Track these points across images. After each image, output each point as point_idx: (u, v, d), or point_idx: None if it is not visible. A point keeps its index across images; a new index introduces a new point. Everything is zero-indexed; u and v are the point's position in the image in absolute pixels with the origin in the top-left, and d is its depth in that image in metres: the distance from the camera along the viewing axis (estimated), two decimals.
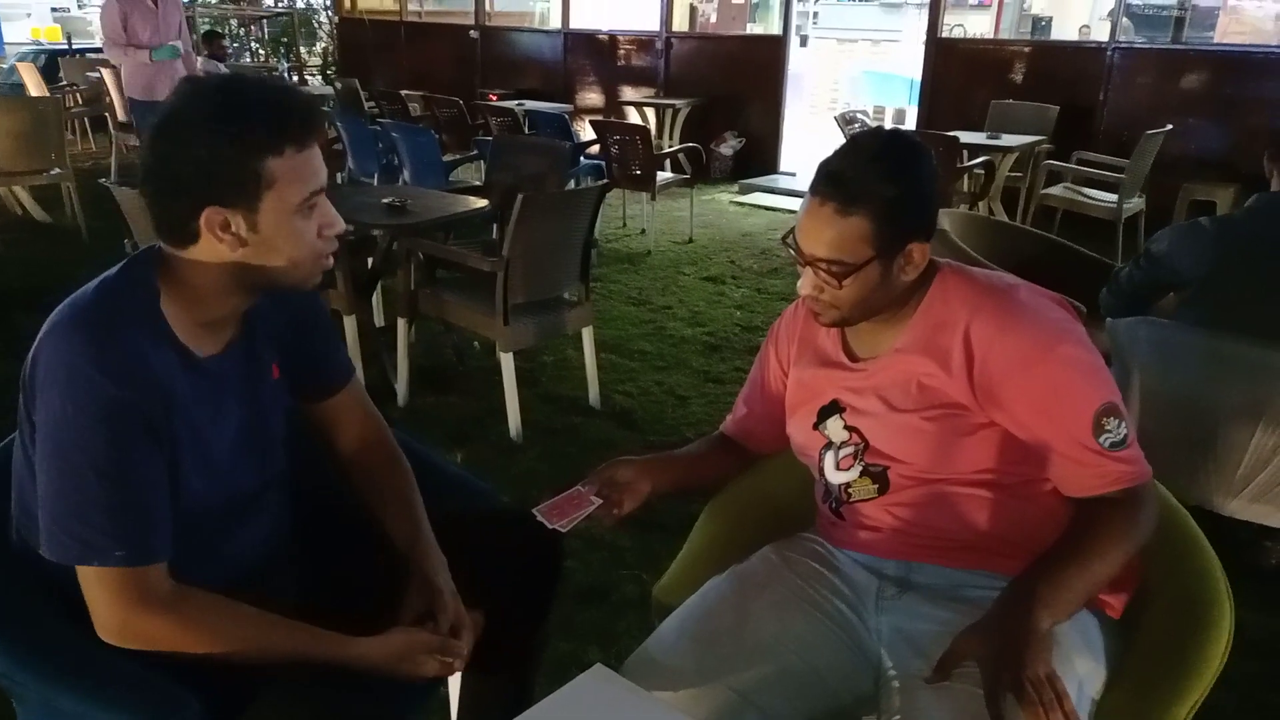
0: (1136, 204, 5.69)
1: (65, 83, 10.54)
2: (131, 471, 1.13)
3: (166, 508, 1.17)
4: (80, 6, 23.54)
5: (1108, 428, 1.26)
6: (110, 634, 1.14)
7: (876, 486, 1.39)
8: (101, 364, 1.10)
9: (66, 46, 14.32)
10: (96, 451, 1.10)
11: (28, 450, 1.18)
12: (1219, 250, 2.38)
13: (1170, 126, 5.75)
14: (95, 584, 1.13)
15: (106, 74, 8.41)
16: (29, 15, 22.32)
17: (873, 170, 1.26)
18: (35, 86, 8.93)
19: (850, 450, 1.41)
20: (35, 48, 15.52)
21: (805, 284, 1.34)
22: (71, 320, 1.14)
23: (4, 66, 13.38)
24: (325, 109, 8.14)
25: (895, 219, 1.27)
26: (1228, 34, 9.10)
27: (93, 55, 12.63)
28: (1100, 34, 8.12)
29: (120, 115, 8.16)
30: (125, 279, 1.20)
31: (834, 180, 1.27)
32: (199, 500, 1.24)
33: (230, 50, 13.09)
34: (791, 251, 1.34)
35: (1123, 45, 6.95)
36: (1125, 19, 7.32)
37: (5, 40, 18.29)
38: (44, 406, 1.12)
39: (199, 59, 9.29)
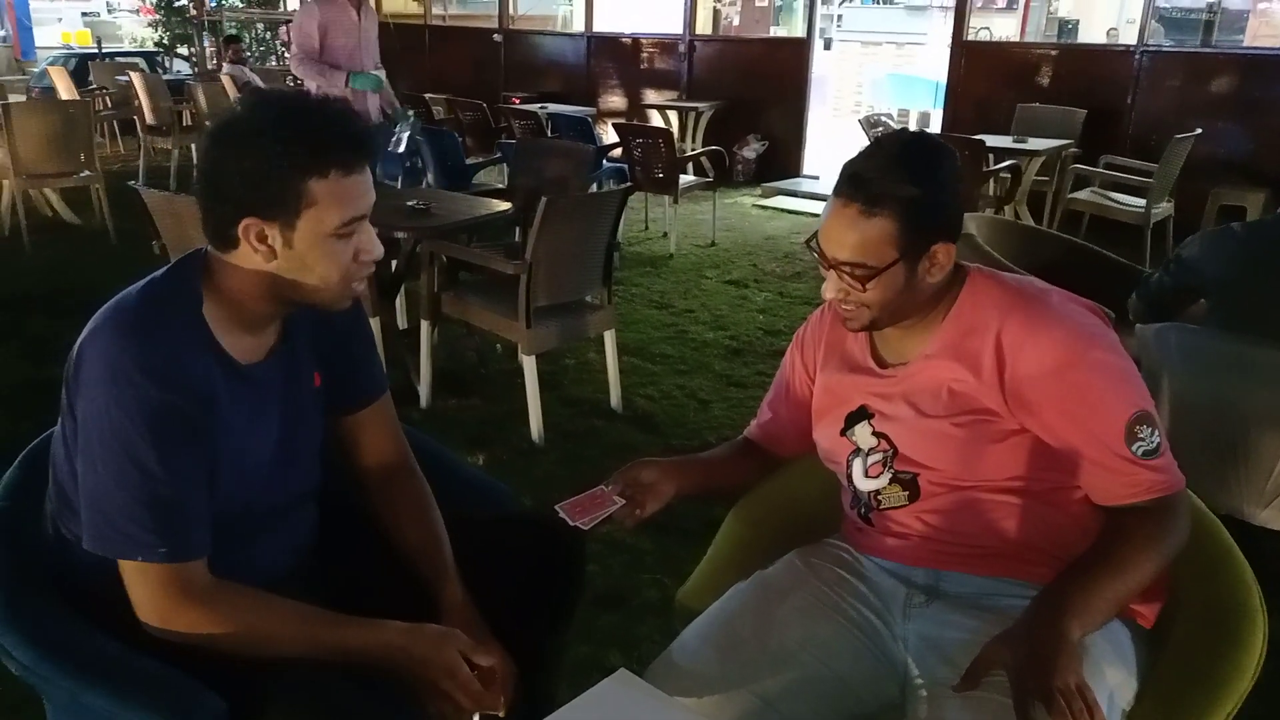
0: (1165, 209, 5.63)
1: (95, 86, 10.67)
2: (174, 470, 1.15)
3: (207, 505, 1.20)
4: (110, 11, 23.84)
5: (1140, 435, 1.24)
6: (152, 623, 1.17)
7: (907, 494, 1.38)
8: (145, 366, 1.13)
9: (97, 50, 14.48)
10: (140, 451, 1.12)
11: (68, 444, 1.20)
12: (1249, 256, 2.35)
13: (1199, 130, 5.69)
14: (137, 578, 1.16)
15: (135, 78, 8.50)
16: (60, 20, 22.64)
17: (896, 171, 1.25)
18: (66, 90, 9.05)
19: (879, 457, 1.40)
20: (66, 51, 15.72)
21: (829, 288, 1.33)
22: (116, 321, 1.17)
23: (35, 70, 13.57)
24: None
25: (919, 220, 1.26)
26: (1258, 37, 9.00)
27: (122, 59, 12.80)
28: (1128, 37, 8.04)
29: (149, 118, 8.25)
30: (170, 283, 1.22)
31: (857, 182, 1.26)
32: (229, 505, 1.25)
33: (255, 55, 13.23)
34: (815, 255, 1.34)
35: (1151, 48, 6.88)
36: (1154, 22, 7.24)
37: (37, 44, 18.53)
38: (87, 403, 1.14)
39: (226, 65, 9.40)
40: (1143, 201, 5.48)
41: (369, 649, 1.21)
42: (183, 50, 14.64)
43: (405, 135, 5.01)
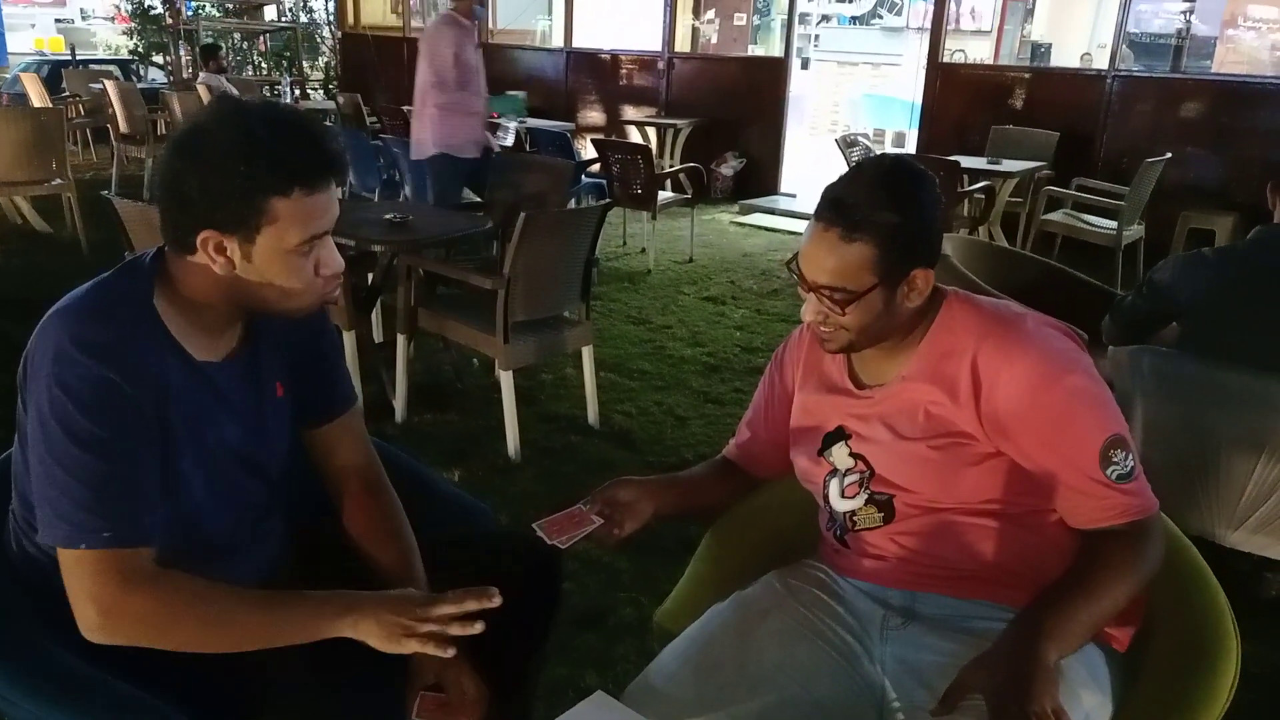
0: (1136, 231, 5.71)
1: (68, 93, 10.58)
2: (119, 451, 1.13)
3: (156, 493, 1.17)
4: (84, 18, 23.65)
5: (1115, 460, 1.25)
6: (91, 624, 1.12)
7: (882, 515, 1.38)
8: (86, 346, 1.12)
9: (70, 57, 14.36)
10: (80, 428, 1.11)
11: (25, 450, 1.19)
12: (1221, 281, 2.38)
13: (1169, 155, 5.78)
14: (77, 570, 1.12)
15: (109, 86, 8.42)
16: (33, 26, 22.46)
17: (877, 197, 1.26)
18: (38, 97, 8.96)
19: (855, 478, 1.40)
20: (39, 58, 15.59)
21: (808, 310, 1.34)
22: (60, 310, 1.16)
23: (7, 76, 13.42)
24: (326, 124, 8.15)
25: (899, 246, 1.26)
26: (1225, 64, 9.16)
27: (96, 67, 12.69)
28: (1101, 62, 8.17)
29: (123, 126, 8.17)
30: (119, 275, 1.22)
31: (837, 207, 1.27)
32: (193, 514, 1.23)
33: (232, 64, 13.17)
34: (795, 277, 1.34)
35: (1122, 73, 6.99)
36: (1125, 47, 7.36)
37: (9, 50, 18.36)
38: (34, 394, 1.13)
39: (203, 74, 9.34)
40: (1114, 224, 5.56)
41: (319, 623, 1.17)
42: (158, 59, 14.54)
43: (512, 126, 4.89)
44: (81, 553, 1.12)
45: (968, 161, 5.99)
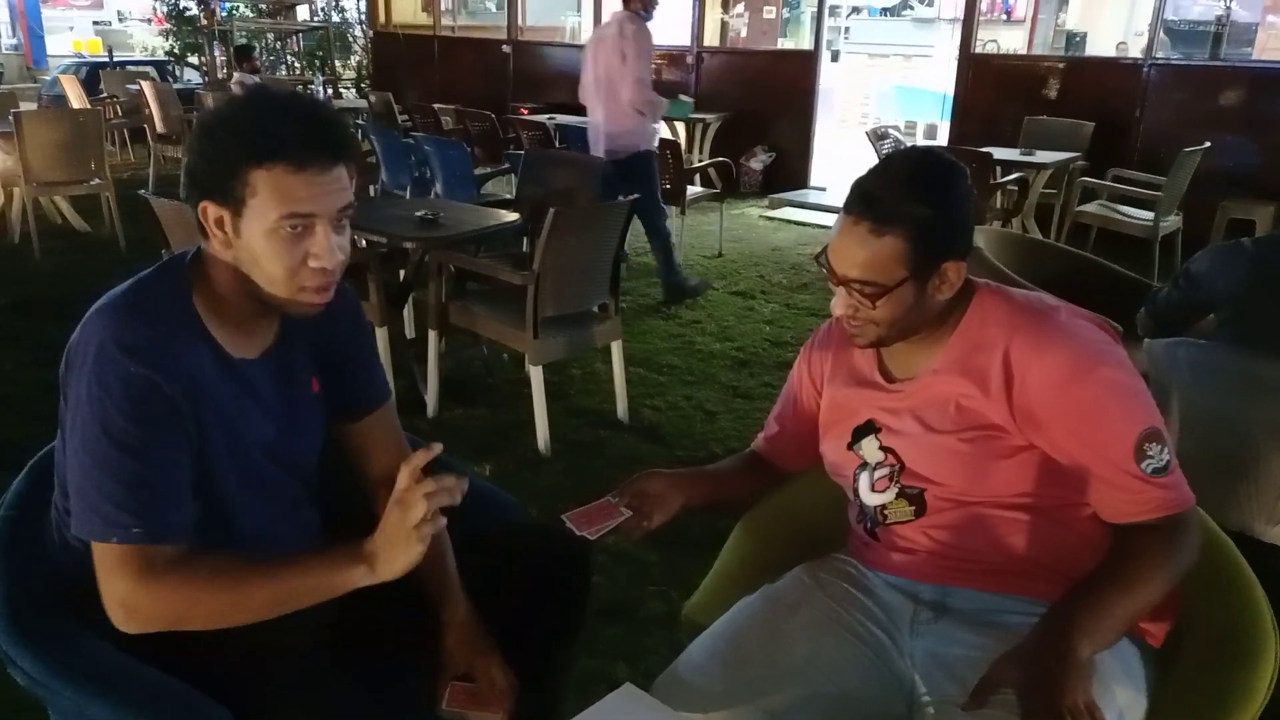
0: (1173, 222, 5.61)
1: (106, 95, 10.75)
2: (151, 447, 1.15)
3: (188, 491, 1.19)
4: (121, 20, 24.02)
5: (1150, 453, 1.23)
6: (118, 615, 1.14)
7: (913, 509, 1.37)
8: (124, 343, 1.14)
9: (108, 59, 14.60)
10: (116, 426, 1.13)
11: (64, 438, 1.21)
12: (1259, 271, 2.34)
13: (1208, 144, 5.66)
14: (107, 562, 1.14)
15: (146, 86, 8.55)
16: (71, 28, 22.82)
17: (907, 190, 1.25)
18: (76, 98, 9.11)
19: (886, 471, 1.39)
20: (77, 60, 15.85)
21: (839, 304, 1.33)
22: (102, 308, 1.19)
23: (47, 78, 13.66)
24: (359, 122, 8.21)
25: (930, 239, 1.25)
26: (1266, 50, 8.98)
27: (133, 68, 12.89)
28: (1137, 50, 8.04)
29: (160, 127, 8.29)
30: (159, 273, 1.25)
31: (868, 200, 1.26)
32: (226, 505, 1.25)
33: (266, 64, 13.32)
34: (824, 270, 1.33)
35: (1159, 61, 6.87)
36: (1162, 34, 7.22)
37: (48, 52, 18.69)
38: (74, 390, 1.16)
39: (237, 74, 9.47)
40: (1151, 215, 5.46)
41: (333, 578, 1.16)
42: (193, 59, 14.74)
43: (659, 125, 5.07)
44: (111, 546, 1.14)
45: (1000, 153, 5.92)
